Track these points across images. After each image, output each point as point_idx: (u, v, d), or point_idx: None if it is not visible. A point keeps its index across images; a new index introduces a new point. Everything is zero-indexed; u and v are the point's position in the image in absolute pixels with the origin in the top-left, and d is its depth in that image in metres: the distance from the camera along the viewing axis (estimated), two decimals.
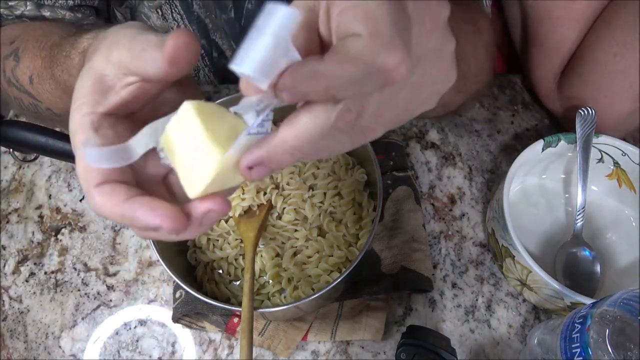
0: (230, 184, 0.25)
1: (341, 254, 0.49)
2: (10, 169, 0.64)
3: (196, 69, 0.63)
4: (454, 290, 0.54)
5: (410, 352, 0.42)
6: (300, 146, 0.22)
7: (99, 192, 0.25)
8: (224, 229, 0.51)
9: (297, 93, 0.20)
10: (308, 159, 0.24)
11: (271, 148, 0.22)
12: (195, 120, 0.23)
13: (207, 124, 0.23)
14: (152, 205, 0.24)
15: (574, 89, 0.57)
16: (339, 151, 0.24)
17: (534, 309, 0.52)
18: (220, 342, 0.52)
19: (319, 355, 0.51)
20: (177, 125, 0.24)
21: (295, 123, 0.22)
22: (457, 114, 0.66)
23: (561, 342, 0.38)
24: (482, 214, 0.59)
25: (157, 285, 0.56)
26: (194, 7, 0.55)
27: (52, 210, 0.61)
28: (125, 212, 0.24)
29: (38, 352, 0.53)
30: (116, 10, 0.56)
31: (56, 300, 0.56)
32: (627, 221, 0.55)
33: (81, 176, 0.25)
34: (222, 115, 0.24)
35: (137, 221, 0.24)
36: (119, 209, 0.24)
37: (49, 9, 0.49)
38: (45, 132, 0.39)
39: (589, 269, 0.51)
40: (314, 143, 0.22)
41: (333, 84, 0.20)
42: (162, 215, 0.23)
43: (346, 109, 0.21)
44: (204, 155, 0.23)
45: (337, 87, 0.20)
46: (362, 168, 0.54)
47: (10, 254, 0.59)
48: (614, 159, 0.54)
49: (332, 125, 0.21)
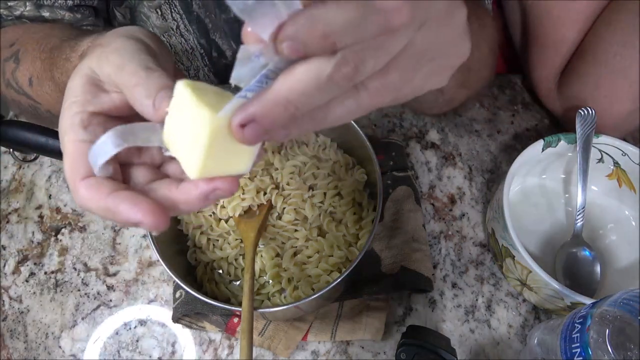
0: (232, 167, 0.24)
1: (341, 254, 0.49)
2: (10, 169, 0.64)
3: (196, 68, 0.62)
4: (454, 290, 0.54)
5: (410, 352, 0.42)
6: (293, 98, 0.21)
7: (84, 185, 0.25)
8: (224, 229, 0.51)
9: (298, 43, 0.20)
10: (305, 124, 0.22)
11: (263, 101, 0.21)
12: (187, 93, 0.23)
13: (199, 95, 0.23)
14: (135, 200, 0.24)
15: (574, 89, 0.57)
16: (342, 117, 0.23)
17: (534, 309, 0.52)
18: (220, 342, 0.52)
19: (319, 355, 0.51)
20: (173, 107, 0.24)
21: (290, 74, 0.21)
22: (457, 114, 0.66)
23: (561, 342, 0.38)
24: (482, 214, 0.59)
25: (157, 285, 0.56)
26: (193, 7, 0.54)
27: (52, 210, 0.61)
28: (109, 205, 0.24)
29: (38, 352, 0.53)
30: (116, 10, 0.56)
31: (56, 300, 0.56)
32: (627, 221, 0.55)
33: (68, 171, 0.25)
34: (217, 92, 0.24)
35: (119, 215, 0.24)
36: (103, 202, 0.24)
37: (48, 9, 0.49)
38: (45, 132, 0.39)
39: (589, 269, 0.51)
40: (309, 96, 0.21)
41: (332, 28, 0.19)
42: (143, 211, 0.23)
43: (343, 59, 0.20)
44: (198, 126, 0.22)
45: (336, 32, 0.19)
46: (362, 168, 0.54)
47: (10, 254, 0.59)
48: (614, 159, 0.54)
49: (328, 77, 0.20)
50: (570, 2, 0.54)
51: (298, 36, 0.19)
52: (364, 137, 0.49)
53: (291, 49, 0.20)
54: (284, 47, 0.20)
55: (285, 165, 0.52)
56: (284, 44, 0.20)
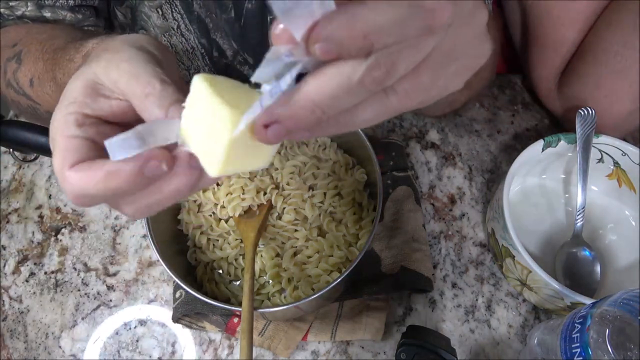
0: (252, 162, 0.24)
1: (341, 254, 0.49)
2: (10, 169, 0.64)
3: (197, 68, 0.62)
4: (454, 290, 0.54)
5: (410, 352, 0.42)
6: (321, 101, 0.20)
7: (75, 170, 0.24)
8: (224, 229, 0.51)
9: (332, 44, 0.19)
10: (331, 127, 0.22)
11: (289, 102, 0.21)
12: (204, 88, 0.22)
13: (218, 91, 0.22)
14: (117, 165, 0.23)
15: (574, 89, 0.57)
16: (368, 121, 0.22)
17: (534, 309, 0.52)
18: (220, 342, 0.52)
19: (319, 355, 0.51)
20: (191, 101, 0.24)
21: (319, 76, 0.20)
22: (458, 114, 0.66)
23: (561, 342, 0.38)
24: (482, 214, 0.59)
25: (157, 285, 0.56)
26: (194, 7, 0.54)
27: (52, 210, 0.61)
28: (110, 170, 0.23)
29: (38, 352, 0.53)
30: (117, 10, 0.56)
31: (56, 300, 0.56)
32: (627, 221, 0.55)
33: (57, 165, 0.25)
34: (234, 85, 0.24)
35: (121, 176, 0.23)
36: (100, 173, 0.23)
37: (50, 9, 0.49)
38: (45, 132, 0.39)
39: (589, 269, 0.51)
40: (337, 99, 0.20)
41: (373, 27, 0.18)
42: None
43: (375, 62, 0.19)
44: (218, 124, 0.22)
45: (377, 32, 0.19)
46: (362, 168, 0.54)
47: (10, 254, 0.59)
48: (614, 159, 0.54)
49: (358, 80, 0.20)
50: (570, 2, 0.54)
51: (334, 36, 0.19)
52: (364, 137, 0.49)
53: (324, 50, 0.19)
54: (316, 48, 0.19)
55: (285, 165, 0.52)
56: (316, 45, 0.19)
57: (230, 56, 0.60)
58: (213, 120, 0.22)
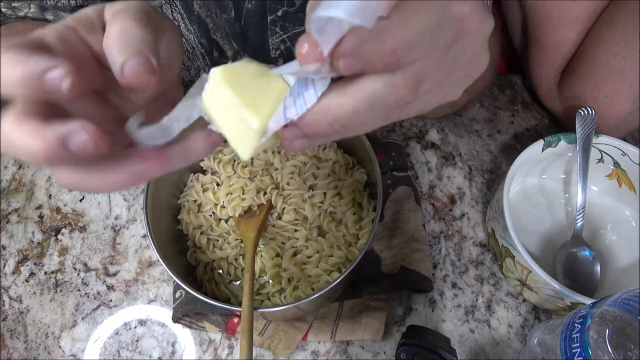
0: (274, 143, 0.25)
1: (341, 254, 0.49)
2: (10, 169, 0.64)
3: (197, 68, 0.63)
4: (454, 290, 0.54)
5: (410, 352, 0.42)
6: (342, 117, 0.20)
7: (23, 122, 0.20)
8: (224, 229, 0.51)
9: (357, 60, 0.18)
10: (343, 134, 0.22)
11: (310, 114, 0.20)
12: (227, 89, 0.23)
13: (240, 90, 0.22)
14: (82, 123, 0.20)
15: (574, 89, 0.57)
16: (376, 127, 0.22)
17: (534, 309, 0.52)
18: (220, 342, 0.52)
19: (319, 355, 0.51)
20: (211, 93, 0.24)
21: (343, 92, 0.20)
22: (457, 114, 0.66)
23: (561, 342, 0.38)
24: (482, 214, 0.59)
25: (157, 285, 0.56)
26: (194, 7, 0.54)
27: (52, 210, 0.61)
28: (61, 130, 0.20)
29: (38, 352, 0.53)
30: None
31: (56, 300, 0.56)
32: (627, 221, 0.55)
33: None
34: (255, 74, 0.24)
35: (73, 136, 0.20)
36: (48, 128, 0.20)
37: (52, 11, 0.49)
38: None
39: (589, 269, 0.51)
40: (358, 116, 0.20)
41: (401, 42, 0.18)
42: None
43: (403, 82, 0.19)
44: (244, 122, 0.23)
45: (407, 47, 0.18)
46: (362, 168, 0.54)
47: (10, 254, 0.59)
48: (614, 159, 0.54)
49: (382, 99, 0.19)
50: (570, 3, 0.54)
51: (359, 52, 0.18)
52: (364, 137, 0.49)
53: (347, 65, 0.19)
54: (340, 64, 0.19)
55: (285, 165, 0.52)
56: (340, 61, 0.19)
57: (230, 56, 0.60)
58: (239, 117, 0.23)
